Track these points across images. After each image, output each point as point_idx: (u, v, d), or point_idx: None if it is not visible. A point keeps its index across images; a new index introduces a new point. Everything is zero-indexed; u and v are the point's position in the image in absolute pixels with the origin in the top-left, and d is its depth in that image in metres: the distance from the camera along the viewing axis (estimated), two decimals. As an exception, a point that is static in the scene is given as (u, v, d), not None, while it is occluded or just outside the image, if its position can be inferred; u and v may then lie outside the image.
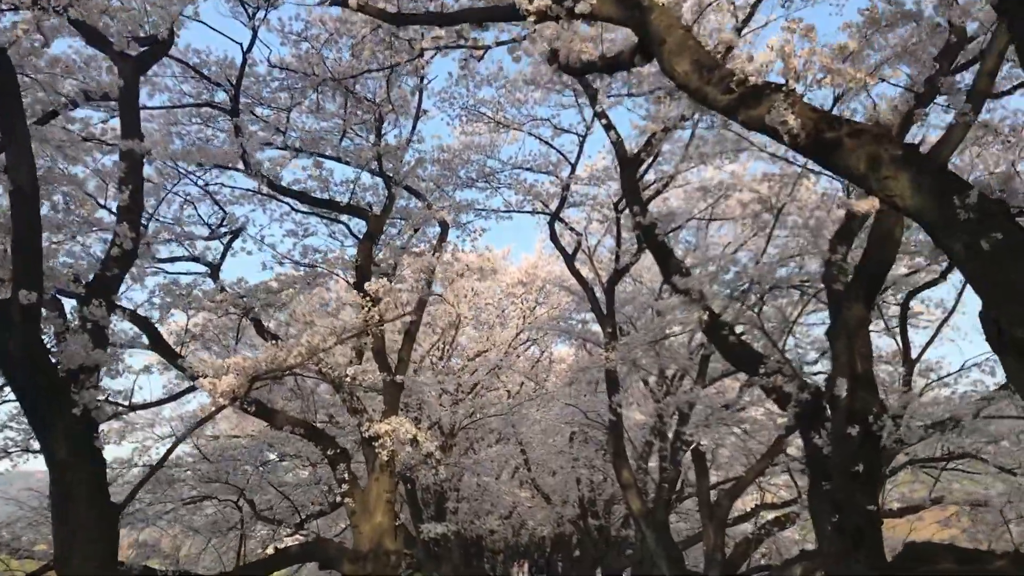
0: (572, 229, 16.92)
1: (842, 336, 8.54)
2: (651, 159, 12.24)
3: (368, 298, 10.48)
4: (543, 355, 27.92)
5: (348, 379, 10.61)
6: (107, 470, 11.90)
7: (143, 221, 13.76)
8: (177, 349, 12.17)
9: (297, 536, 17.03)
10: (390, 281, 13.06)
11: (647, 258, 19.72)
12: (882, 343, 15.84)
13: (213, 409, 8.13)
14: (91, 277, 7.96)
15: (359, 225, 13.92)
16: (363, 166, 12.65)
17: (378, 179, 13.24)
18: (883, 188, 4.82)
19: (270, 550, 14.90)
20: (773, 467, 16.47)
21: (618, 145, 11.64)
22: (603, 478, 25.14)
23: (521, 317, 24.32)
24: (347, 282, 12.80)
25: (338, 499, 12.60)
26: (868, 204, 8.02)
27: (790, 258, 11.30)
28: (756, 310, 10.20)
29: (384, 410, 12.51)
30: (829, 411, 8.67)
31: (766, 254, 11.75)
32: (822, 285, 11.44)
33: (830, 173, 9.07)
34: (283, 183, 12.75)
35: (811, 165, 10.72)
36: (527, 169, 16.93)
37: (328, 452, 11.80)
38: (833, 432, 8.53)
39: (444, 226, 13.32)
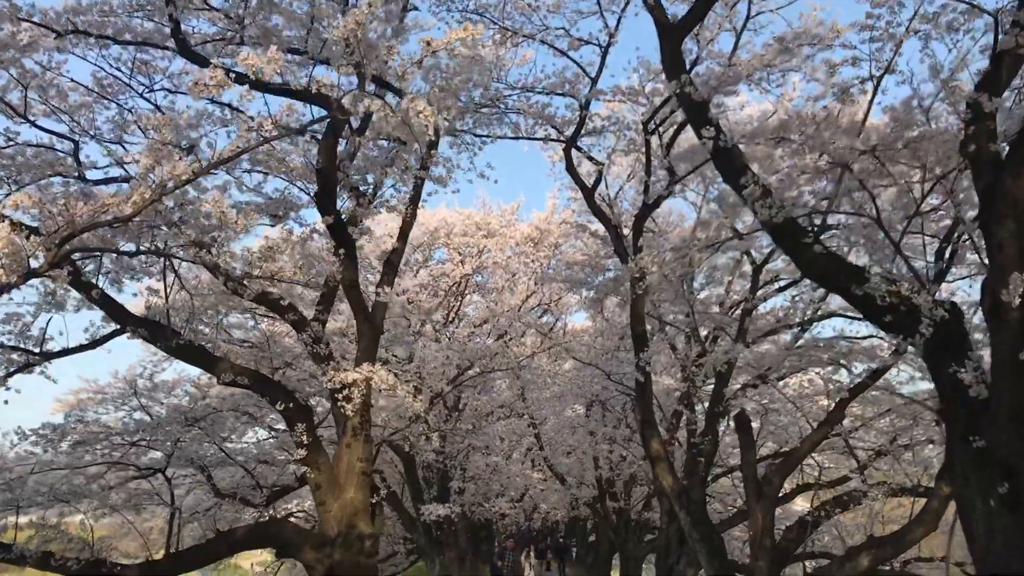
0: (591, 158, 13.89)
1: (1006, 217, 5.52)
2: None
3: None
4: (556, 323, 24.92)
5: (257, 268, 7.67)
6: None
7: (74, 135, 11.02)
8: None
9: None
10: (364, 206, 10.15)
11: (673, 209, 16.73)
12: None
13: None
14: None
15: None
16: (329, 56, 9.69)
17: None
18: None
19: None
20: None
21: (655, 9, 8.64)
22: (622, 456, 22.14)
23: (532, 278, 21.35)
24: (307, 194, 9.90)
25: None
26: None
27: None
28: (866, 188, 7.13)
29: (357, 357, 9.58)
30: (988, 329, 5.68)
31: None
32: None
33: None
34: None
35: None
36: (539, 92, 13.93)
37: (280, 406, 8.87)
38: (995, 359, 5.53)
39: (434, 132, 10.33)
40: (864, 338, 15.99)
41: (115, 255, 8.05)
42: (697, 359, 16.93)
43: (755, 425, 14.11)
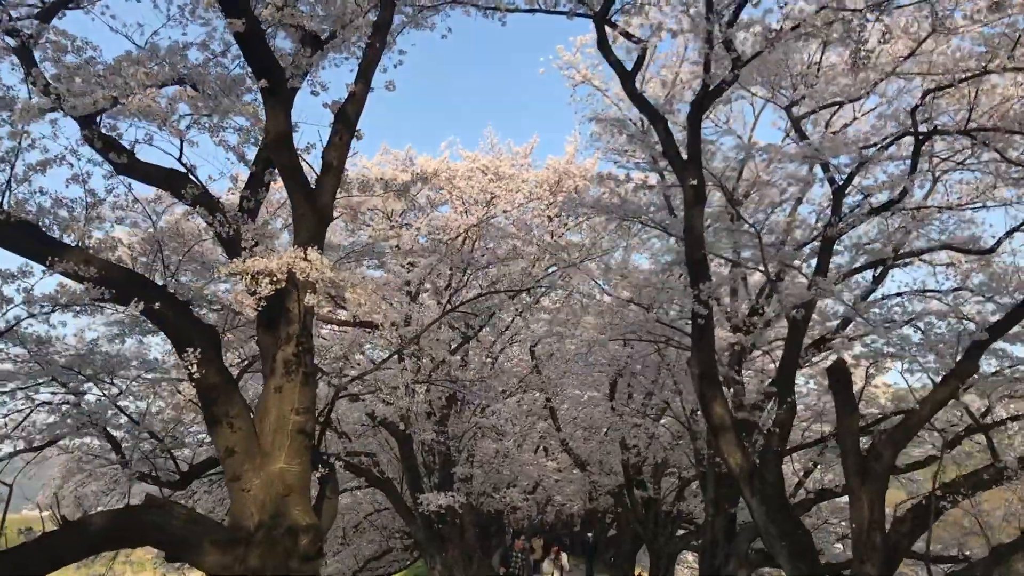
0: (629, 36, 10.19)
1: None
2: None
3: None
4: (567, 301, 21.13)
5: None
6: None
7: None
8: None
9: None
10: (311, 47, 6.48)
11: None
12: None
13: None
14: None
15: None
16: None
17: None
18: None
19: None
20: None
21: None
22: (651, 437, 18.35)
23: (549, 231, 17.66)
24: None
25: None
26: None
27: None
28: None
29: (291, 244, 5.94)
30: None
31: None
32: None
33: None
34: None
35: None
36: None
37: (137, 305, 5.18)
38: None
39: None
40: (950, 292, 12.32)
41: None
42: (751, 315, 13.23)
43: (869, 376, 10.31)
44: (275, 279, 4.93)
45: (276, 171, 6.62)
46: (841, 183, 11.20)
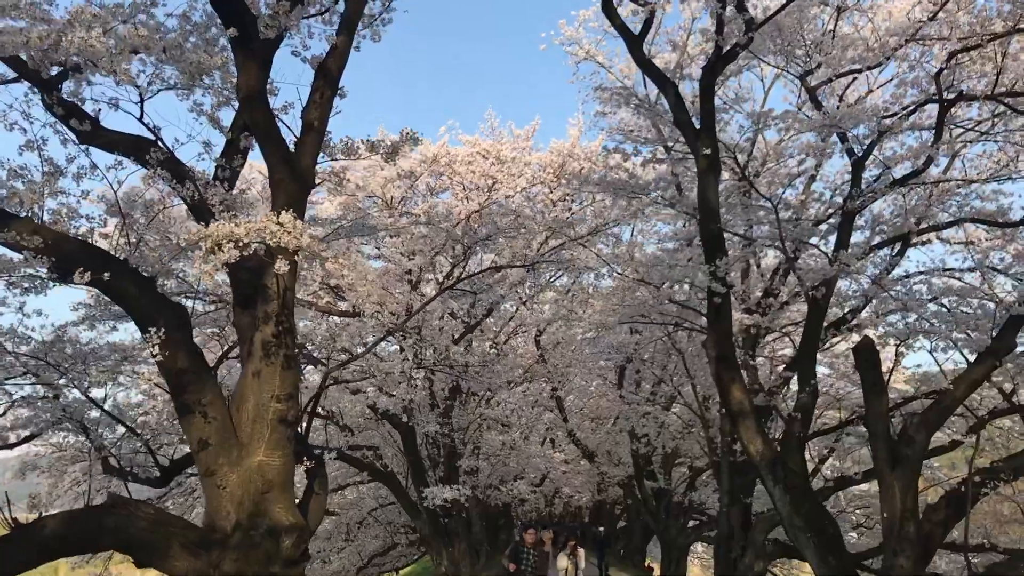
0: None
1: None
2: None
3: None
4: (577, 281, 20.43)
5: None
6: None
7: None
8: None
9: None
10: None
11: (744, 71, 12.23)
12: None
13: None
14: None
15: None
16: None
17: None
18: None
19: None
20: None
21: None
22: (659, 429, 17.69)
23: (551, 215, 16.94)
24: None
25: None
26: None
27: None
28: None
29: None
30: None
31: None
32: None
33: None
34: None
35: None
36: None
37: (82, 276, 4.51)
38: None
39: None
40: (981, 267, 11.61)
41: None
42: (765, 296, 12.58)
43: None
44: (241, 244, 4.29)
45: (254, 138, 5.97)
46: (861, 154, 10.53)
